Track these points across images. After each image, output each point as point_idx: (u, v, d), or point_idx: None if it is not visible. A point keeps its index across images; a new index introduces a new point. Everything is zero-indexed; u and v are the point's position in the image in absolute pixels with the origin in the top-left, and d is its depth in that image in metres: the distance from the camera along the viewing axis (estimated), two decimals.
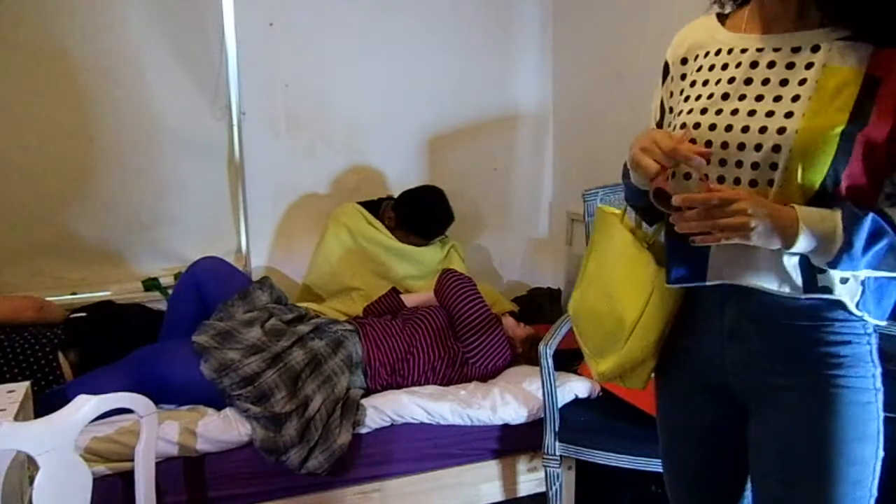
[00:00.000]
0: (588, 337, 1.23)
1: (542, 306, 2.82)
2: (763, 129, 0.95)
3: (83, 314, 2.20)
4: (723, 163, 0.99)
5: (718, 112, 1.00)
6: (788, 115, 0.94)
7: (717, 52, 1.05)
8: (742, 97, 0.99)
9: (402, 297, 2.43)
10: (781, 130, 0.93)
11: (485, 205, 3.08)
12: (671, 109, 1.13)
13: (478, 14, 2.90)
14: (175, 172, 2.62)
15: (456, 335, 2.18)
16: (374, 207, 2.71)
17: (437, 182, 2.81)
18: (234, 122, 2.66)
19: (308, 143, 2.77)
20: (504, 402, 2.01)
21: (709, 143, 0.99)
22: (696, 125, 1.01)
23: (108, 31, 2.44)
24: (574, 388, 2.02)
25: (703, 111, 1.02)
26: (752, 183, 0.96)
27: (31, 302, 2.17)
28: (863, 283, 0.96)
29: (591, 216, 2.21)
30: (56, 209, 2.50)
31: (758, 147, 0.95)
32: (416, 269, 2.67)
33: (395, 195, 2.78)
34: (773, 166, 0.94)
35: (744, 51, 1.01)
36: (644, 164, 0.97)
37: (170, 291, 2.30)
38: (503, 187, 3.11)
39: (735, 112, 0.99)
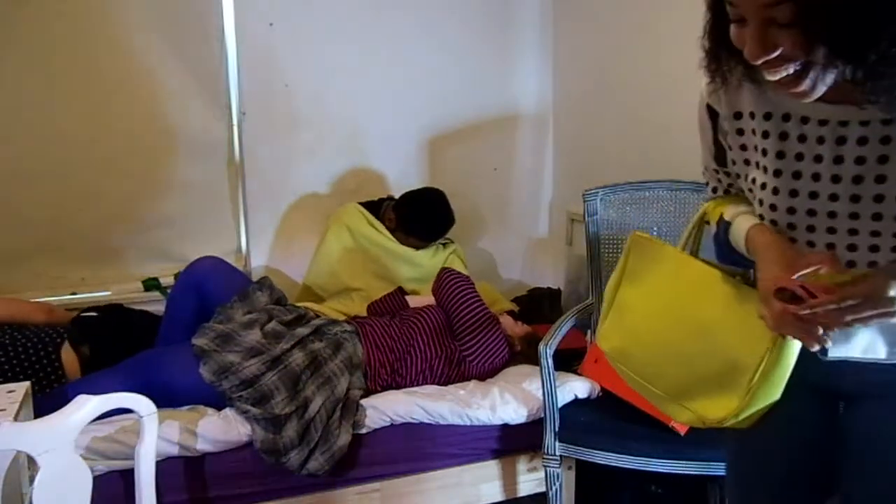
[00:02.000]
0: (661, 378, 1.09)
1: (542, 306, 2.82)
2: (878, 216, 0.88)
3: (94, 313, 2.21)
4: (830, 246, 0.94)
5: (813, 196, 0.93)
6: None
7: (786, 118, 0.94)
8: (836, 179, 0.90)
9: (407, 298, 2.43)
10: None
11: (485, 205, 3.08)
12: (748, 161, 1.03)
13: (478, 14, 2.90)
14: (175, 172, 2.62)
15: (453, 334, 2.18)
16: (374, 208, 2.71)
17: (437, 182, 2.81)
18: (234, 122, 2.66)
19: (308, 144, 2.78)
20: (504, 401, 2.01)
21: (811, 228, 0.94)
22: (791, 210, 0.95)
23: (107, 32, 2.44)
24: (574, 388, 2.02)
25: (793, 193, 0.94)
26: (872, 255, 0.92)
27: (42, 306, 2.20)
28: None
29: (591, 216, 2.21)
30: (56, 209, 2.50)
31: (875, 233, 0.90)
32: (416, 271, 2.67)
33: (396, 195, 2.77)
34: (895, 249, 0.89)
35: (823, 122, 0.90)
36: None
37: (170, 291, 2.30)
38: (503, 187, 3.11)
39: (834, 197, 0.91)
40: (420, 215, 2.66)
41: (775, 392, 0.98)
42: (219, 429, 1.82)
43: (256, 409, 1.82)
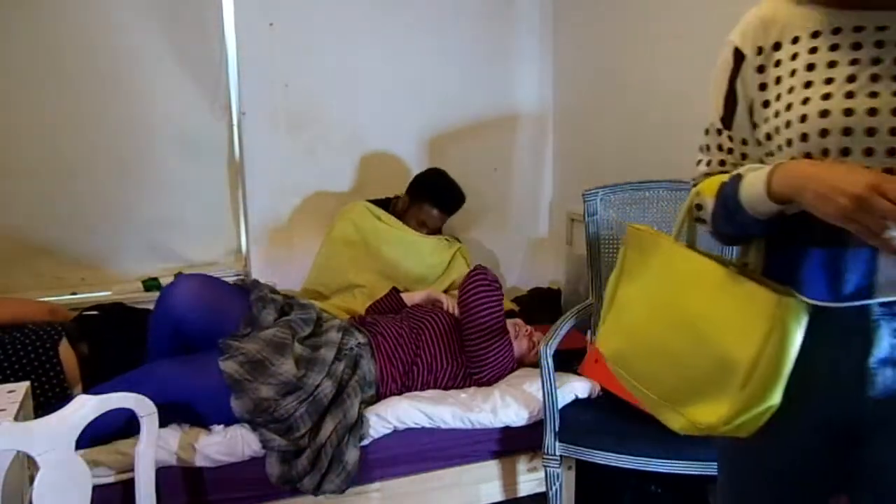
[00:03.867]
0: (655, 381, 1.02)
1: (542, 306, 2.82)
2: None
3: (95, 312, 2.21)
4: (892, 152, 0.87)
5: (873, 95, 0.88)
6: None
7: (836, 31, 0.93)
8: None
9: (403, 295, 2.42)
10: None
11: (485, 205, 3.08)
12: (767, 103, 0.99)
13: (478, 14, 2.90)
14: (175, 172, 2.62)
15: (462, 336, 2.13)
16: (382, 206, 2.72)
17: None
18: (234, 122, 2.67)
19: (308, 144, 2.78)
20: (505, 404, 2.00)
21: (871, 131, 0.88)
22: (848, 111, 0.89)
23: (107, 32, 2.44)
24: (574, 388, 2.01)
25: (850, 95, 0.90)
26: None
27: (44, 306, 2.20)
28: None
29: (591, 216, 2.21)
30: (56, 209, 2.50)
31: None
32: (421, 266, 2.66)
33: (399, 195, 2.78)
34: None
35: (861, 28, 0.92)
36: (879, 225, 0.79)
37: (150, 316, 2.20)
38: (503, 187, 3.11)
39: None
40: (432, 180, 2.69)
41: (772, 395, 0.88)
42: (221, 448, 1.80)
43: (282, 440, 1.79)
